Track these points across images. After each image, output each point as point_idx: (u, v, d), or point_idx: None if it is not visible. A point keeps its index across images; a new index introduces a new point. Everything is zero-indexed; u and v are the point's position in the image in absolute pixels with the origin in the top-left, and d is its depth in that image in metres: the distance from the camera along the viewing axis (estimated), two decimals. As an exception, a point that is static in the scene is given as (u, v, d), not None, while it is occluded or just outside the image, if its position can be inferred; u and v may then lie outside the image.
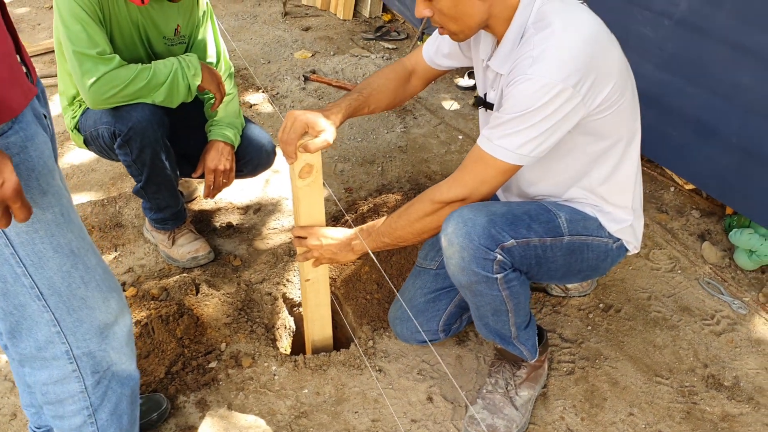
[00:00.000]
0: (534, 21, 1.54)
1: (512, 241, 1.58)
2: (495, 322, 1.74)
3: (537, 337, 1.88)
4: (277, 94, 3.64)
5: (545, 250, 1.65)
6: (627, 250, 1.82)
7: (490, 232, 1.56)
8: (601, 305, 2.29)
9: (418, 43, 4.15)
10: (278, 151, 2.63)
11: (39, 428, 1.63)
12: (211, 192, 2.30)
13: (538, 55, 1.48)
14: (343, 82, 3.73)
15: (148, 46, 2.15)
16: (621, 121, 1.62)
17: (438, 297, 2.00)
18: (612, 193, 1.73)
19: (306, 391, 1.99)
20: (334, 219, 2.62)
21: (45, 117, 1.28)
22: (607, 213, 1.75)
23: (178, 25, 2.19)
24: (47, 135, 1.25)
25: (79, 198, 2.78)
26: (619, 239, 1.78)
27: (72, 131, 2.21)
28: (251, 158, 2.38)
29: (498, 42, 1.66)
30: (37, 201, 1.17)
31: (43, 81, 3.82)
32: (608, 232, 1.75)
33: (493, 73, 1.70)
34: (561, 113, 1.49)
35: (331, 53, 4.18)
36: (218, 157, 2.24)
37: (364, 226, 1.81)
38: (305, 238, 1.79)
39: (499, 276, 1.59)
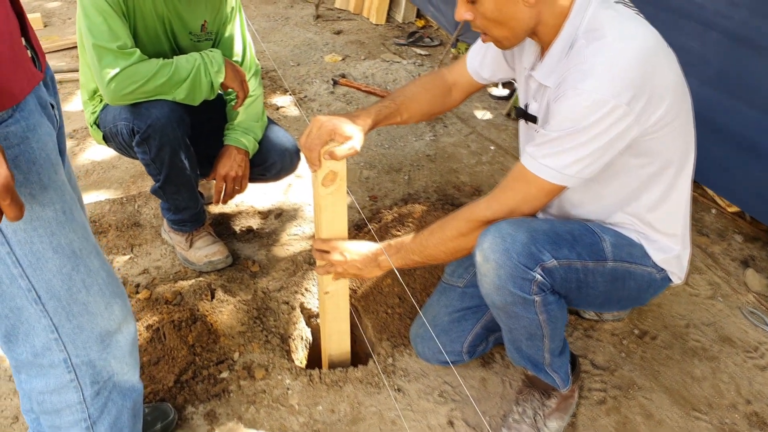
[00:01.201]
0: (586, 30, 1.43)
1: (554, 261, 1.46)
2: (528, 347, 1.62)
3: (570, 365, 1.76)
4: (305, 97, 3.57)
5: (587, 274, 1.53)
6: (671, 280, 1.70)
7: (531, 250, 1.45)
8: (636, 331, 2.16)
9: (452, 50, 4.05)
10: (302, 155, 2.55)
11: None
12: (222, 199, 2.23)
13: (588, 68, 1.37)
14: (372, 87, 3.64)
15: (173, 41, 2.08)
16: (674, 142, 1.51)
17: (464, 317, 1.89)
18: (660, 220, 1.61)
19: (320, 408, 1.89)
20: (356, 227, 2.52)
21: (52, 107, 1.19)
22: (654, 241, 1.63)
23: (205, 21, 2.11)
24: (53, 126, 1.17)
25: (98, 195, 2.72)
26: (663, 269, 1.65)
27: (91, 127, 2.14)
28: (274, 162, 2.29)
29: (543, 50, 1.55)
30: (37, 197, 1.09)
31: (69, 75, 3.79)
32: (653, 261, 1.63)
33: (536, 83, 1.60)
34: (613, 132, 1.38)
35: (362, 58, 4.10)
36: (230, 164, 2.17)
37: (391, 241, 1.71)
38: (328, 252, 1.69)
39: (537, 298, 1.47)
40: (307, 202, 2.71)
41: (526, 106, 1.68)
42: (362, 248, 1.71)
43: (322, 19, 4.75)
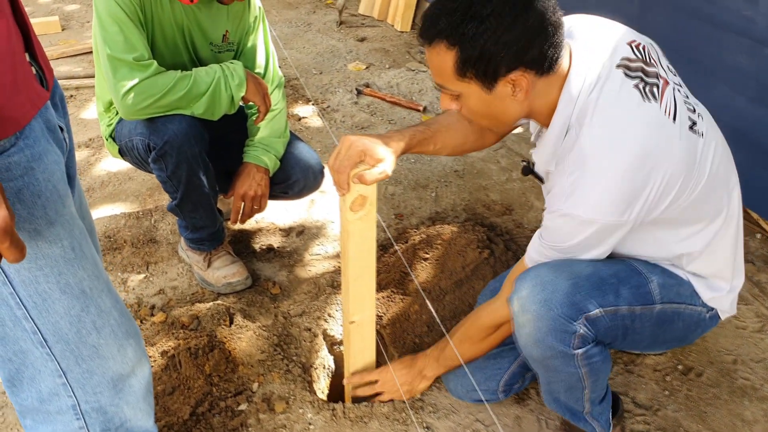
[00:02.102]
0: (579, 117, 1.32)
1: (598, 310, 1.35)
2: (567, 398, 1.50)
3: (611, 407, 1.63)
4: (328, 107, 3.46)
5: (633, 321, 1.41)
6: (719, 318, 1.57)
7: (574, 300, 1.33)
8: (679, 367, 2.02)
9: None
10: (326, 172, 2.43)
11: None
12: (240, 218, 2.14)
13: (571, 186, 1.29)
14: (397, 97, 3.52)
15: (193, 52, 1.98)
16: (703, 206, 1.40)
17: (501, 354, 1.77)
18: (706, 267, 1.50)
19: (343, 446, 1.77)
20: (382, 248, 2.40)
21: (62, 130, 1.09)
22: (703, 278, 1.50)
23: (226, 31, 2.01)
24: (62, 151, 1.06)
25: (113, 209, 2.63)
26: (713, 308, 1.52)
27: (107, 140, 2.04)
28: (297, 180, 2.18)
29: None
30: (43, 233, 0.98)
31: (86, 81, 3.71)
32: (702, 300, 1.50)
33: None
34: (609, 242, 1.36)
35: (387, 66, 3.98)
36: (249, 182, 2.07)
37: (428, 352, 1.79)
38: (375, 382, 1.78)
39: (579, 352, 1.36)
40: (331, 219, 2.60)
41: (535, 164, 1.59)
42: (403, 367, 1.79)
43: (346, 26, 4.65)
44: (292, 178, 2.18)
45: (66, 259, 1.04)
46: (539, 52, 1.25)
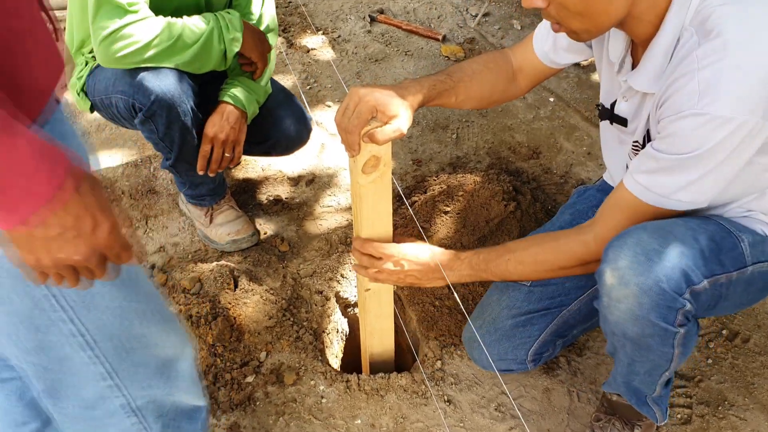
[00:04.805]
0: (694, 22, 1.12)
1: (705, 282, 1.17)
2: (641, 382, 1.35)
3: None
4: (339, 37, 3.20)
5: (728, 288, 1.25)
6: None
7: (681, 271, 1.15)
8: (724, 332, 1.85)
9: (502, -19, 3.60)
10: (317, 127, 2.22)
11: None
12: (210, 167, 1.83)
13: (708, 80, 1.07)
14: (415, 25, 3.25)
15: None
16: None
17: (531, 320, 1.60)
18: None
19: (359, 422, 1.65)
20: (398, 199, 2.20)
21: None
22: None
23: None
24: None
25: (110, 156, 2.45)
26: None
27: (77, 94, 1.82)
28: (278, 140, 2.00)
29: (636, 46, 1.25)
30: None
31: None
32: None
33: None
34: (744, 152, 1.13)
35: (402, -10, 3.67)
36: (222, 124, 1.77)
37: (461, 253, 1.45)
38: (378, 258, 1.41)
39: (681, 330, 1.19)
40: (343, 166, 2.40)
41: (613, 105, 1.37)
42: (422, 255, 1.43)
43: (357, -56, 4.29)
44: (271, 139, 1.98)
45: None
46: None
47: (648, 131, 1.30)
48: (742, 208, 1.32)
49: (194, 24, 1.62)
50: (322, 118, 2.62)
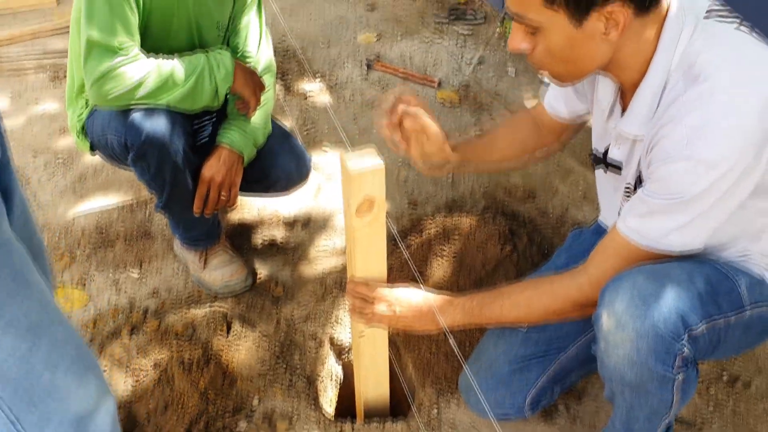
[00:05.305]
0: (680, 67, 1.13)
1: (702, 325, 1.16)
2: (641, 428, 1.33)
3: None
4: (336, 83, 3.23)
5: (726, 332, 1.23)
6: None
7: (678, 314, 1.14)
8: (724, 376, 1.82)
9: (498, 28, 3.66)
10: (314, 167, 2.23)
11: None
12: (205, 208, 1.83)
13: (696, 124, 1.08)
14: (411, 71, 3.29)
15: (197, 35, 1.77)
16: None
17: (528, 366, 1.57)
18: None
19: (353, 471, 1.61)
20: (393, 242, 2.19)
21: None
22: None
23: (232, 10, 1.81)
24: None
25: (106, 199, 2.44)
26: None
27: (77, 136, 1.83)
28: (277, 178, 2.00)
29: (624, 92, 1.26)
30: None
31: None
32: None
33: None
34: (736, 194, 1.14)
35: (399, 37, 3.73)
36: (218, 166, 1.78)
37: (454, 298, 1.44)
38: (371, 302, 1.39)
39: (680, 376, 1.17)
40: (340, 209, 2.40)
41: (606, 152, 1.38)
42: (414, 299, 1.43)
43: (355, -8, 4.38)
44: (270, 177, 1.98)
45: (7, 292, 0.88)
46: None
47: (639, 175, 1.30)
48: (738, 251, 1.32)
49: (185, 63, 1.64)
50: (319, 162, 2.63)
